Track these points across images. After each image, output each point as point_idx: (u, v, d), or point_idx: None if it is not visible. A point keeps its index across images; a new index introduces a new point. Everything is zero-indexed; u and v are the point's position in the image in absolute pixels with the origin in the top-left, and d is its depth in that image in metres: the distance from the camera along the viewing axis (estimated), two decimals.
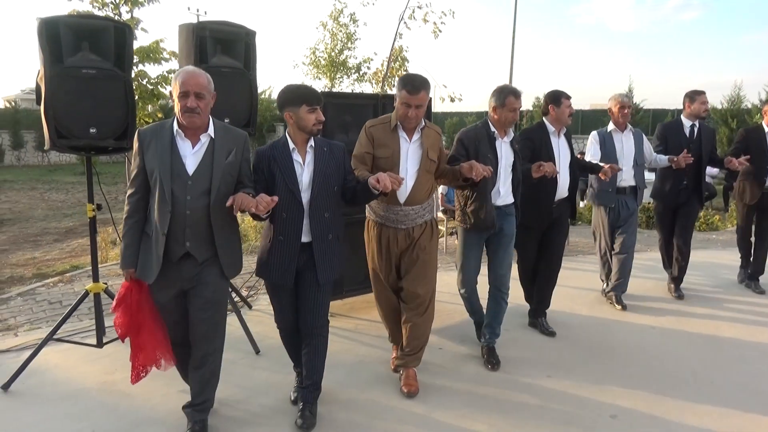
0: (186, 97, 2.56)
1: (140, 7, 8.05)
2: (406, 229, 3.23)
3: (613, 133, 4.76)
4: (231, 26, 3.87)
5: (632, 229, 4.82)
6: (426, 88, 3.06)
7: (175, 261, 2.65)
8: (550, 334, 4.23)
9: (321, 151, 2.89)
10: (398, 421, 3.03)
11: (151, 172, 2.61)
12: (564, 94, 4.13)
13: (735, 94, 17.54)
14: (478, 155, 3.46)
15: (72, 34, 3.21)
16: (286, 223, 2.83)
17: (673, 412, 3.13)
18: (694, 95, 5.02)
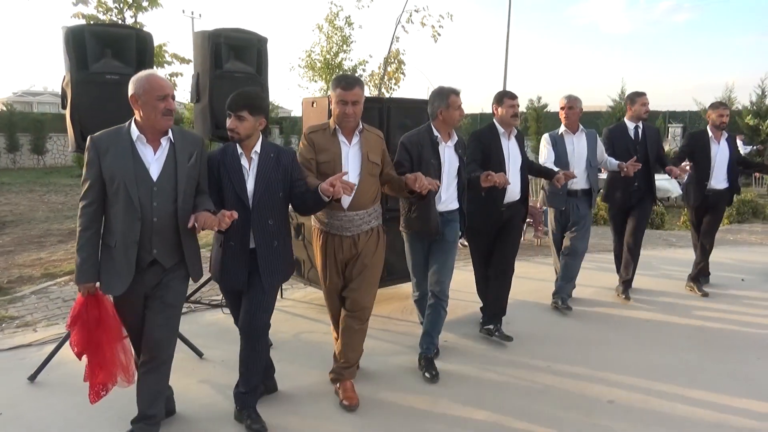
0: (166, 99, 2.55)
1: (144, 12, 8.19)
2: (351, 236, 3.16)
3: (565, 134, 4.71)
4: (244, 33, 4.05)
5: (582, 234, 4.75)
6: (360, 85, 3.10)
7: (142, 268, 2.60)
8: (507, 339, 4.06)
9: (267, 158, 2.88)
10: (408, 404, 3.22)
11: (112, 180, 2.51)
12: (508, 93, 4.08)
13: (726, 96, 17.83)
14: (421, 160, 3.42)
15: (96, 42, 3.38)
16: (237, 229, 2.78)
17: (666, 398, 3.32)
18: (634, 97, 5.06)
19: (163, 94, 2.53)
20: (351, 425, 3.03)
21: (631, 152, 4.85)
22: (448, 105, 3.50)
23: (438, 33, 15.85)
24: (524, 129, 22.26)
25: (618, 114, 18.75)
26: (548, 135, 4.77)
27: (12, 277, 6.60)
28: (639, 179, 4.90)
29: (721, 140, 5.23)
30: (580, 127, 4.75)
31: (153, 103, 2.52)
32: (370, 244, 3.22)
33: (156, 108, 2.53)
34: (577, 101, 4.70)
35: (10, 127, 24.26)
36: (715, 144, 5.21)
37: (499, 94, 4.10)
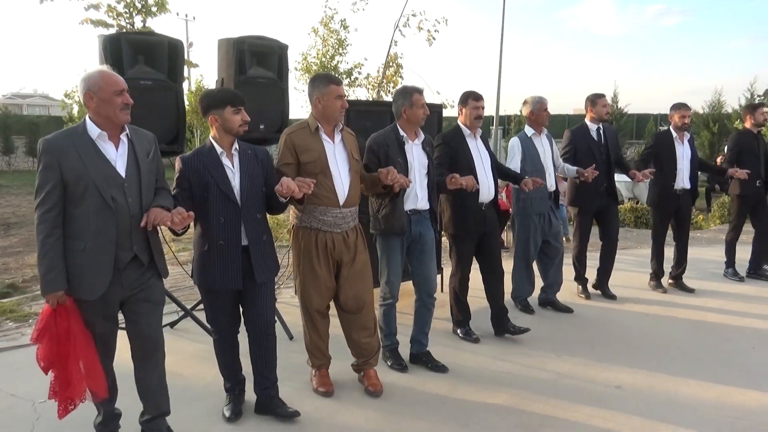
0: (123, 93, 2.49)
1: (153, 17, 8.34)
2: (342, 232, 3.22)
3: (533, 137, 4.70)
4: (266, 40, 4.23)
5: (560, 235, 4.89)
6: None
7: (120, 268, 2.53)
8: (523, 331, 4.23)
9: (246, 154, 2.92)
10: (428, 390, 3.42)
11: (77, 181, 2.42)
12: (473, 94, 4.03)
13: (716, 100, 18.19)
14: (388, 160, 3.40)
15: (131, 49, 3.56)
16: (225, 227, 2.82)
17: (668, 384, 3.55)
18: (595, 99, 5.07)
19: (119, 89, 2.49)
20: (378, 409, 3.22)
21: (594, 153, 4.94)
22: (412, 103, 3.51)
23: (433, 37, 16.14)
24: (518, 131, 22.53)
25: (611, 117, 19.03)
26: (518, 138, 4.72)
27: (26, 276, 6.77)
28: (604, 181, 4.96)
29: (684, 141, 5.36)
30: (544, 129, 4.78)
31: (110, 98, 2.47)
32: (359, 240, 3.30)
33: (114, 103, 2.47)
34: (546, 103, 4.71)
35: (5, 130, 24.32)
36: (679, 145, 5.33)
37: (463, 94, 4.07)
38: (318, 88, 3.17)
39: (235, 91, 2.97)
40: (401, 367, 3.71)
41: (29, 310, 4.87)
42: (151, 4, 8.43)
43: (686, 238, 5.59)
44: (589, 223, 5.24)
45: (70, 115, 22.29)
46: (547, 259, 4.90)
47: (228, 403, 3.13)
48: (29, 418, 3.07)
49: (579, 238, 5.23)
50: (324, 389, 3.37)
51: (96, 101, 2.46)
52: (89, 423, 2.84)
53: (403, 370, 3.69)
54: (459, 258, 4.11)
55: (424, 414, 3.19)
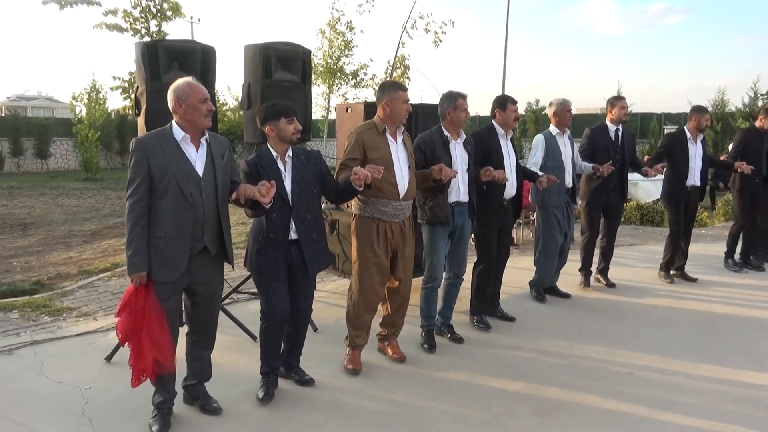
0: (207, 101, 2.86)
1: (168, 22, 8.59)
2: (399, 222, 3.62)
3: (557, 136, 5.01)
4: (291, 46, 4.43)
5: (573, 226, 5.24)
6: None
7: (192, 257, 2.87)
8: (510, 319, 4.63)
9: (299, 160, 3.24)
10: (449, 378, 3.61)
11: (162, 177, 2.75)
12: (510, 99, 4.41)
13: (719, 99, 18.33)
14: (434, 159, 3.77)
15: (166, 55, 3.75)
16: (276, 222, 3.16)
17: (678, 369, 3.74)
18: (614, 101, 5.37)
19: (203, 97, 2.86)
20: (402, 393, 3.42)
21: (611, 153, 5.21)
22: (456, 107, 3.90)
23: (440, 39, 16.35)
24: (523, 131, 22.74)
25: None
26: (543, 136, 5.03)
27: (50, 274, 6.96)
28: (615, 179, 5.25)
29: (697, 141, 5.64)
30: (567, 129, 5.08)
31: (196, 105, 2.82)
32: (410, 228, 3.72)
33: (199, 110, 2.83)
34: (571, 105, 5.05)
35: (14, 132, 24.50)
36: (692, 144, 5.61)
37: (502, 98, 4.42)
38: (387, 93, 3.55)
39: (288, 104, 3.27)
40: (430, 347, 4.04)
41: (61, 305, 5.06)
42: (166, 8, 8.67)
43: (690, 232, 5.94)
44: (598, 217, 5.48)
45: (78, 117, 22.63)
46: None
47: (262, 386, 3.35)
48: (78, 402, 3.26)
49: (589, 230, 5.49)
50: (352, 366, 3.69)
51: (184, 108, 2.82)
52: (137, 407, 3.05)
53: (431, 350, 4.03)
54: (484, 248, 4.46)
55: (448, 398, 3.38)
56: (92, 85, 22.77)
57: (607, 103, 5.45)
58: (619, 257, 6.07)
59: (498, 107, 4.40)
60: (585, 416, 3.17)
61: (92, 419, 3.07)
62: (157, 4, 8.47)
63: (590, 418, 3.15)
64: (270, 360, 3.36)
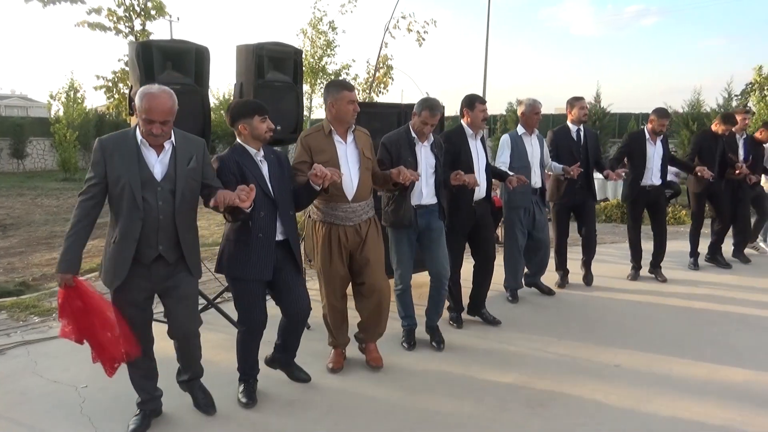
0: (151, 123, 2.65)
1: (153, 21, 8.51)
2: (354, 225, 3.50)
3: (524, 136, 4.95)
4: (282, 46, 4.47)
5: (546, 227, 5.15)
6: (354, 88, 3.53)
7: (147, 264, 2.77)
8: (495, 323, 4.54)
9: (271, 158, 3.17)
10: (445, 369, 3.70)
11: (117, 181, 2.67)
12: (479, 98, 4.26)
13: (695, 99, 18.67)
14: (399, 159, 3.70)
15: (161, 55, 3.79)
16: (265, 221, 3.05)
17: (663, 362, 3.88)
18: (574, 102, 5.36)
19: (148, 118, 2.66)
20: (399, 388, 3.50)
21: (574, 153, 5.22)
22: (420, 115, 3.79)
23: (423, 38, 16.43)
24: (504, 131, 22.96)
25: (593, 117, 19.42)
26: (508, 136, 4.96)
27: (35, 275, 6.91)
28: (581, 179, 5.21)
29: (657, 141, 5.68)
30: (535, 130, 5.01)
31: (141, 121, 2.70)
32: (371, 231, 3.56)
33: (143, 126, 2.70)
34: (540, 106, 4.96)
35: None
36: (651, 144, 5.66)
37: (470, 98, 4.26)
38: (332, 94, 3.43)
39: (260, 102, 3.22)
40: (409, 346, 4.08)
41: (50, 305, 5.03)
42: (150, 7, 8.60)
43: (663, 231, 5.92)
44: (566, 217, 5.51)
45: (56, 117, 22.30)
46: (529, 250, 5.16)
47: (243, 390, 3.32)
48: (75, 401, 3.28)
49: (556, 231, 5.54)
50: (332, 365, 3.71)
51: (139, 119, 2.71)
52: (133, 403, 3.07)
53: (410, 348, 4.07)
54: (450, 250, 4.22)
55: (443, 390, 3.47)
56: (70, 84, 22.49)
57: (567, 104, 5.44)
58: (601, 255, 6.21)
59: (466, 107, 4.27)
60: (575, 407, 3.27)
61: (91, 417, 3.10)
62: (142, 2, 8.37)
63: (580, 409, 3.26)
64: (248, 369, 3.33)
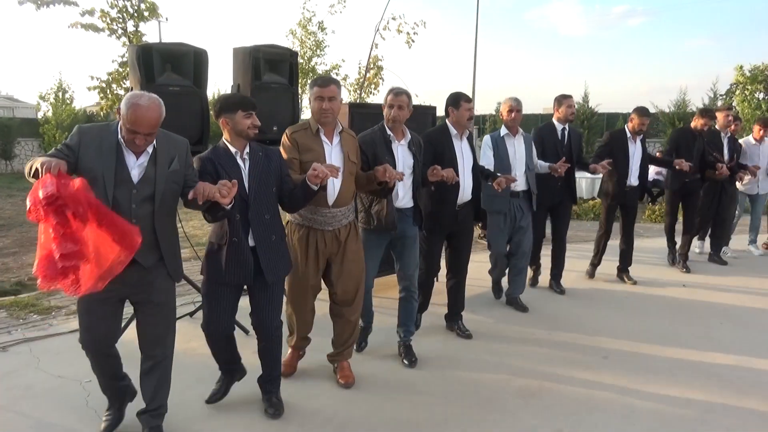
0: (134, 134, 2.49)
1: (146, 22, 8.56)
2: (333, 230, 3.34)
3: (506, 137, 4.73)
4: (278, 48, 4.57)
5: (528, 234, 4.87)
6: (335, 83, 3.26)
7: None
8: (467, 336, 4.31)
9: (257, 156, 2.99)
10: (432, 369, 3.81)
11: (88, 173, 2.46)
12: (464, 96, 4.06)
13: (681, 99, 18.94)
14: (376, 159, 3.49)
15: (160, 58, 3.87)
16: (240, 224, 2.92)
17: (649, 353, 4.03)
18: (561, 99, 5.25)
19: (132, 129, 2.49)
20: (390, 382, 3.61)
21: (559, 152, 5.11)
22: (386, 102, 3.61)
23: (412, 39, 16.56)
24: (493, 131, 23.09)
25: (581, 117, 19.63)
26: (489, 137, 4.75)
27: (30, 275, 6.93)
28: (561, 179, 5.09)
29: (637, 140, 5.60)
30: (520, 130, 4.80)
31: (125, 128, 2.52)
32: (351, 237, 3.41)
33: (126, 133, 2.53)
34: (521, 105, 4.74)
35: None
36: (632, 143, 5.57)
37: (454, 96, 4.06)
38: (309, 89, 3.32)
39: (247, 97, 3.09)
40: (358, 347, 3.96)
41: (49, 304, 5.10)
42: (143, 9, 8.65)
43: (632, 232, 5.85)
44: (542, 218, 5.36)
45: (45, 117, 22.20)
46: (509, 255, 5.02)
47: (218, 381, 3.30)
48: (81, 395, 3.35)
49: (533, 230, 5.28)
50: (344, 381, 3.54)
51: (122, 126, 2.54)
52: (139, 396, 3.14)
53: (358, 348, 3.95)
54: (426, 254, 4.12)
55: (435, 384, 3.59)
56: (59, 85, 22.41)
57: (554, 102, 5.34)
58: (589, 252, 6.33)
59: (451, 105, 4.05)
60: (566, 396, 3.40)
61: (97, 410, 3.16)
62: (135, 4, 8.43)
63: (571, 398, 3.39)
64: (223, 361, 3.26)
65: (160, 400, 2.89)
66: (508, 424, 3.11)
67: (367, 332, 4.08)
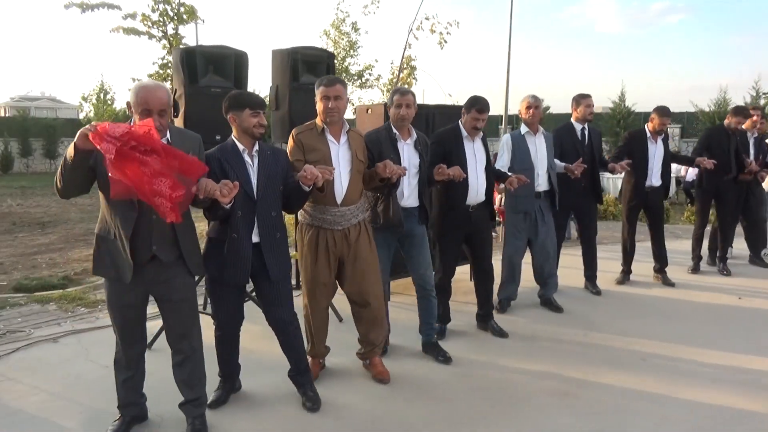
0: (149, 114, 2.51)
1: (185, 25, 8.81)
2: (343, 230, 3.33)
3: (527, 135, 4.67)
4: (316, 50, 4.68)
5: (552, 235, 4.81)
6: (341, 83, 3.28)
7: (141, 263, 2.65)
8: (502, 335, 4.30)
9: (266, 155, 3.04)
10: (467, 364, 3.84)
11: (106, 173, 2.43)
12: (477, 105, 3.98)
13: (721, 97, 18.46)
14: (381, 158, 3.46)
15: (203, 60, 4.00)
16: (242, 221, 2.94)
17: (689, 355, 4.00)
18: (579, 99, 5.17)
19: (145, 108, 2.54)
20: (423, 375, 3.65)
21: (579, 152, 5.02)
22: (392, 102, 3.64)
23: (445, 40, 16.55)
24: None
25: (618, 116, 19.26)
26: (509, 137, 4.70)
27: (76, 270, 7.19)
28: (585, 179, 5.02)
29: (658, 140, 5.50)
30: (540, 128, 4.75)
31: (138, 114, 2.56)
32: (362, 236, 3.40)
33: (138, 120, 2.54)
34: (540, 101, 4.72)
35: (23, 133, 24.81)
36: (652, 143, 5.48)
37: (470, 101, 4.01)
38: (315, 89, 3.33)
39: (256, 96, 3.11)
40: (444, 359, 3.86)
41: (95, 297, 5.30)
42: (182, 12, 8.89)
43: (662, 234, 5.72)
44: (566, 219, 5.26)
45: (87, 117, 22.90)
46: (535, 259, 4.93)
47: (217, 389, 3.32)
48: None
49: (556, 233, 5.16)
50: (380, 377, 3.57)
51: (133, 111, 2.59)
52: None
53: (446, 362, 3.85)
54: (441, 257, 4.12)
55: (471, 378, 3.63)
56: (101, 86, 23.10)
57: (572, 101, 5.26)
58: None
59: (465, 108, 4.05)
60: (601, 398, 3.40)
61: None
62: (175, 7, 8.67)
63: (607, 399, 3.38)
64: (224, 366, 3.32)
65: (198, 392, 2.97)
66: (542, 423, 3.13)
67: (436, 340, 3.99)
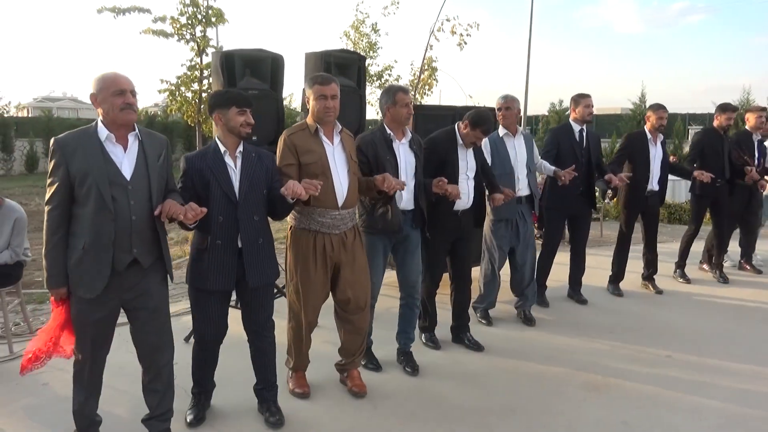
0: (123, 94, 2.49)
1: (213, 27, 8.98)
2: (340, 234, 3.21)
3: (505, 138, 4.45)
4: (348, 53, 4.80)
5: (532, 243, 4.60)
6: (335, 81, 3.17)
7: (120, 271, 2.56)
8: (478, 349, 4.09)
9: (250, 157, 2.92)
10: (497, 364, 3.93)
11: (82, 180, 2.46)
12: (484, 125, 3.81)
13: (744, 98, 18.32)
14: (377, 160, 3.40)
15: (241, 63, 4.13)
16: (224, 227, 2.84)
17: (714, 355, 4.05)
18: (579, 99, 4.94)
19: (119, 89, 2.50)
20: (455, 375, 3.74)
21: (576, 154, 4.83)
22: (395, 102, 3.47)
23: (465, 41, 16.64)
24: (546, 132, 22.91)
25: (638, 117, 19.19)
26: (486, 140, 4.29)
27: None
28: (582, 183, 4.85)
29: (657, 143, 5.26)
30: (519, 129, 4.54)
31: (110, 99, 2.50)
32: (357, 242, 3.30)
33: (113, 104, 2.50)
34: (515, 101, 4.44)
35: (47, 132, 25.25)
36: (653, 146, 5.22)
37: (477, 119, 3.80)
38: (308, 88, 3.17)
39: (243, 93, 3.00)
40: (375, 367, 3.76)
41: None
42: (210, 15, 9.07)
43: (655, 240, 5.54)
44: (560, 225, 5.13)
45: None
46: (513, 269, 4.70)
47: (191, 407, 3.20)
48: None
49: (550, 240, 5.07)
50: (301, 390, 3.42)
51: (99, 101, 2.53)
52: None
53: (376, 369, 3.75)
54: (428, 263, 3.97)
55: (502, 378, 3.72)
56: None
57: (571, 101, 5.04)
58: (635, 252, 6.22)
59: (469, 124, 3.83)
60: (631, 391, 3.49)
61: (185, 389, 3.42)
62: (203, 10, 8.86)
63: (636, 392, 3.47)
64: (200, 380, 3.22)
65: (165, 406, 2.88)
66: (574, 415, 3.22)
67: (369, 347, 3.81)
